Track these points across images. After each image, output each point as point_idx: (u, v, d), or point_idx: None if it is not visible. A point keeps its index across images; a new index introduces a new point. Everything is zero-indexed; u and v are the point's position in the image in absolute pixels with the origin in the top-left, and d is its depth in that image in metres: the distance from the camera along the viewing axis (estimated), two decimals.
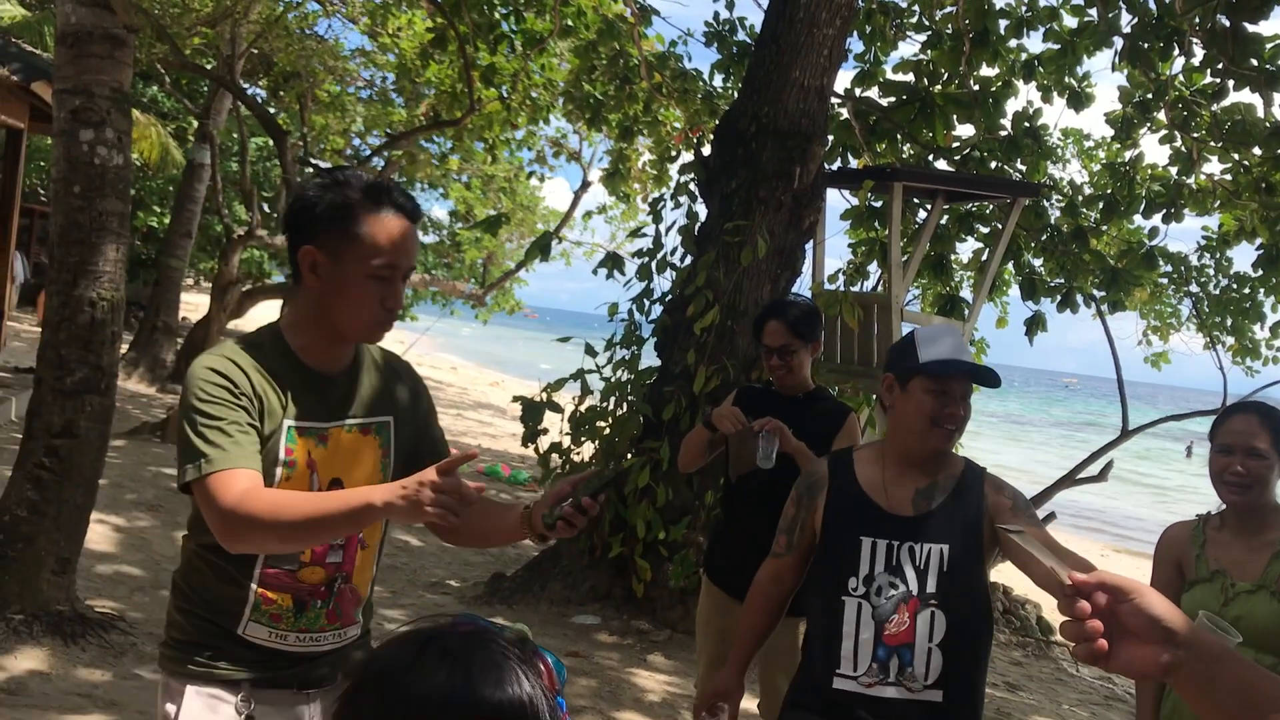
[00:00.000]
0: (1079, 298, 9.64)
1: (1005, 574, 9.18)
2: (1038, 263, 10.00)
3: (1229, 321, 11.07)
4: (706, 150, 7.69)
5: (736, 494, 4.19)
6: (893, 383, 2.78)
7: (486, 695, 1.03)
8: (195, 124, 17.95)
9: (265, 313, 17.10)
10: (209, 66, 15.90)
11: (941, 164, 9.41)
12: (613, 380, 7.24)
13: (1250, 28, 7.46)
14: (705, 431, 4.08)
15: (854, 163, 9.36)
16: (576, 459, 7.32)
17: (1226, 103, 8.76)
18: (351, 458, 2.22)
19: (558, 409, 7.16)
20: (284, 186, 12.38)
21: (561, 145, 19.63)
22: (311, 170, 14.60)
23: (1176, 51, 8.36)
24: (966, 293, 10.08)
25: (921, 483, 2.74)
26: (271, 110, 13.68)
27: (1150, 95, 9.06)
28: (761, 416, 3.86)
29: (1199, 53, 8.41)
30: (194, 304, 24.35)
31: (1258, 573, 3.00)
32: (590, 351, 7.20)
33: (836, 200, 13.23)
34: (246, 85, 16.69)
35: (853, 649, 2.64)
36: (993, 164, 9.38)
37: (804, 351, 4.09)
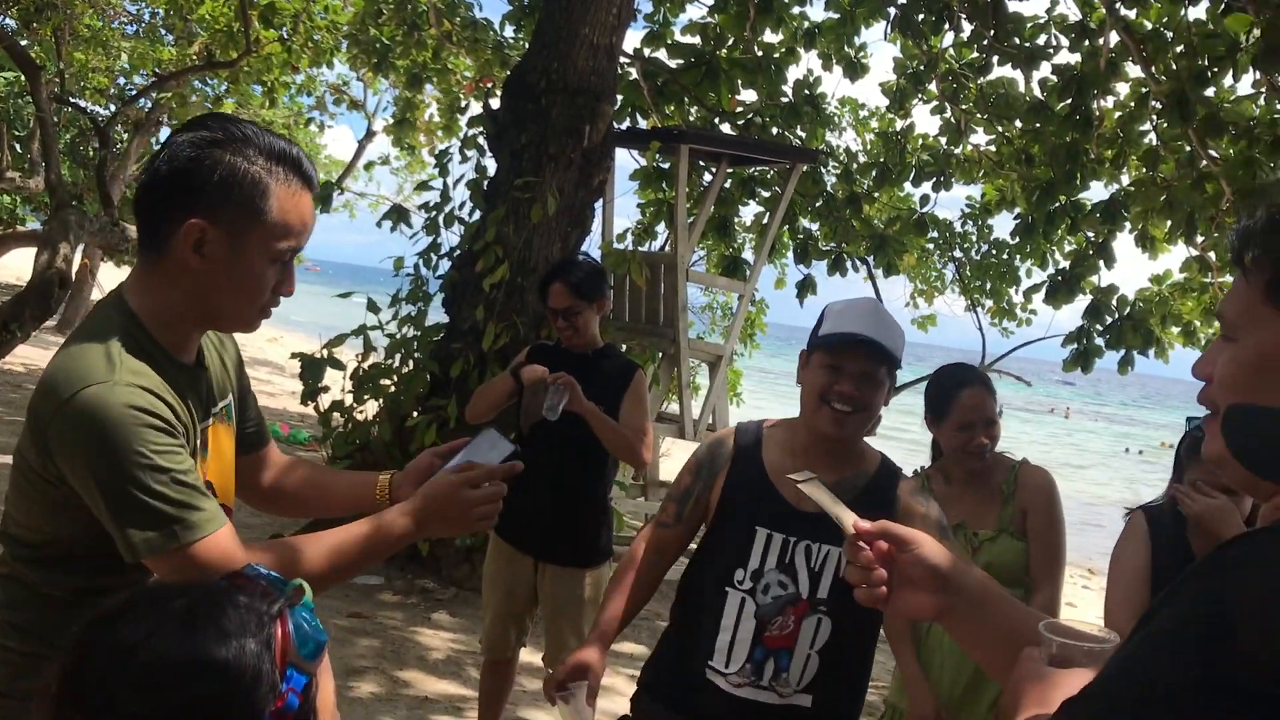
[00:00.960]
0: (849, 262, 10.08)
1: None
2: (814, 227, 10.39)
3: (988, 285, 11.82)
4: (496, 103, 7.59)
5: (524, 447, 4.21)
6: (804, 359, 2.53)
7: (194, 657, 0.99)
8: None
9: (16, 261, 15.91)
10: None
11: (726, 128, 9.61)
12: (398, 337, 7.10)
13: (1011, 6, 7.93)
14: (510, 381, 4.07)
15: (643, 123, 9.45)
16: (360, 417, 7.17)
17: (991, 77, 9.32)
18: (219, 453, 1.94)
19: (339, 366, 6.96)
20: (39, 125, 11.49)
21: (344, 92, 19.02)
22: (72, 109, 13.61)
23: (947, 26, 8.80)
24: (749, 254, 10.39)
25: (830, 477, 2.26)
26: (24, 43, 12.64)
27: (922, 67, 9.52)
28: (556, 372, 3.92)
29: (967, 28, 8.89)
30: None
31: (995, 520, 3.29)
32: (373, 307, 7.02)
33: (626, 160, 13.36)
34: None
35: (729, 644, 2.43)
36: (774, 129, 9.66)
37: (589, 311, 4.13)
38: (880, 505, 2.37)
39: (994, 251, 11.64)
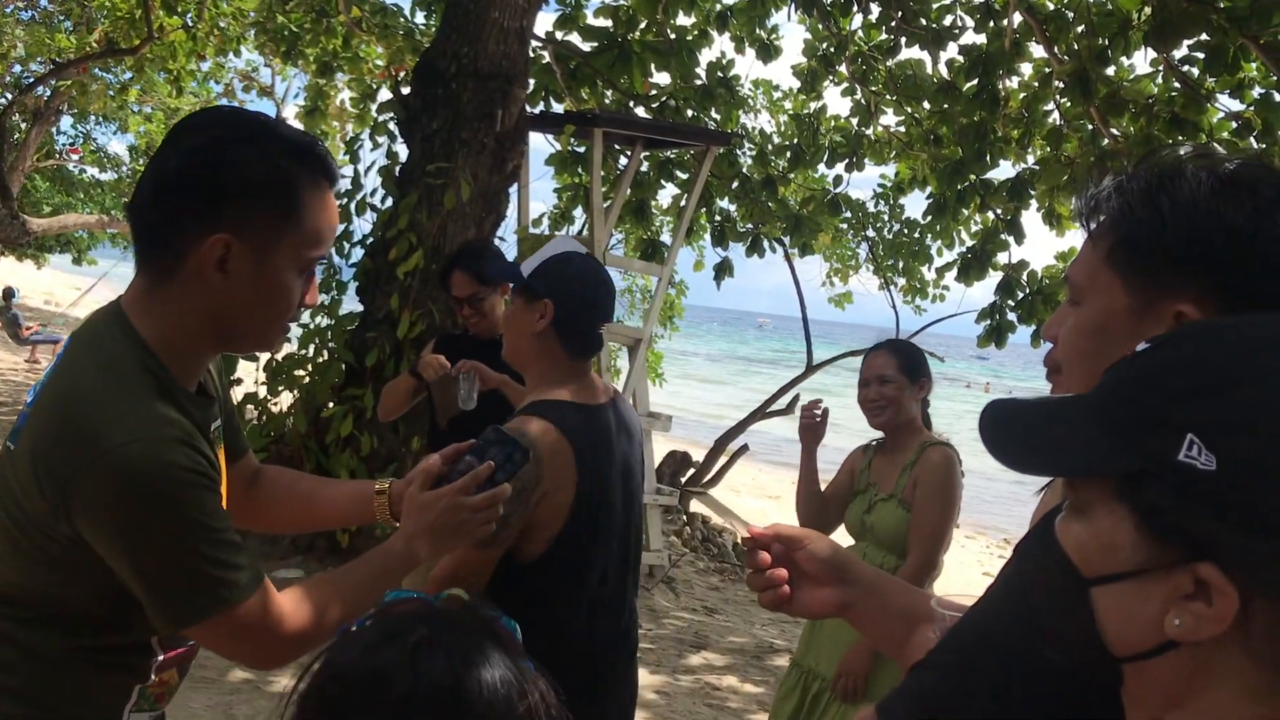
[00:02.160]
0: (765, 243, 10.16)
1: (703, 506, 9.65)
2: (731, 208, 10.45)
3: (901, 264, 12.00)
4: (407, 90, 7.51)
5: (447, 440, 4.19)
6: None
7: (478, 683, 0.97)
8: None
9: None
10: None
11: (641, 111, 9.61)
12: (311, 326, 7.00)
13: None
14: (411, 380, 4.08)
15: (557, 107, 9.41)
16: (274, 409, 7.06)
17: (900, 58, 9.44)
18: (222, 480, 1.75)
19: (252, 357, 6.85)
20: None
21: (253, 79, 18.66)
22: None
23: (855, 8, 8.90)
24: (667, 237, 10.42)
25: None
26: None
27: (832, 49, 9.61)
28: (467, 358, 3.91)
29: (875, 9, 9.00)
30: None
31: (893, 484, 3.45)
32: None
33: (541, 144, 13.28)
34: None
35: None
36: (689, 112, 9.68)
37: (493, 296, 4.11)
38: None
39: (906, 231, 11.82)
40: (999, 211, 9.16)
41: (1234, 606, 0.75)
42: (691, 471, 10.26)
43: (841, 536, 3.69)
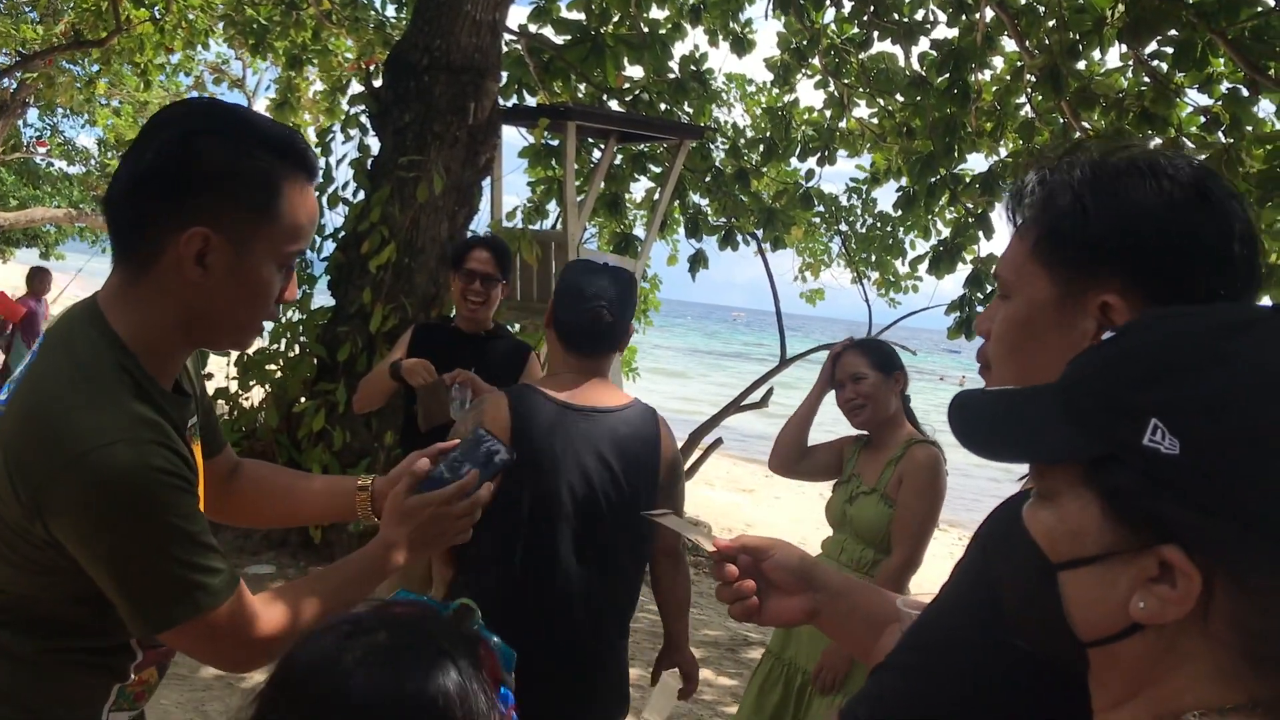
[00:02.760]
0: (739, 236, 10.17)
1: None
2: (704, 202, 10.45)
3: (873, 258, 12.04)
4: (379, 83, 7.47)
5: (423, 441, 4.15)
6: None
7: (409, 692, 0.97)
8: None
9: None
10: None
11: (614, 104, 9.60)
12: (283, 321, 6.95)
13: None
14: (392, 382, 3.97)
15: (530, 100, 9.39)
16: (246, 404, 7.01)
17: (872, 52, 9.46)
18: (199, 477, 1.71)
19: (224, 352, 6.80)
20: None
21: (223, 72, 18.51)
22: None
23: (828, 2, 8.91)
24: (640, 230, 10.41)
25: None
26: None
27: (805, 43, 9.62)
28: (443, 355, 3.86)
29: (848, 4, 9.02)
30: None
31: (877, 478, 3.45)
32: None
33: (514, 138, 13.25)
34: None
35: None
36: (662, 106, 9.68)
37: (501, 286, 4.09)
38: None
39: (878, 224, 11.86)
40: (970, 205, 9.20)
41: (1197, 589, 0.75)
42: None
43: (824, 527, 3.72)
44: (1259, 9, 6.31)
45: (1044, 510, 0.86)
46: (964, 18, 8.40)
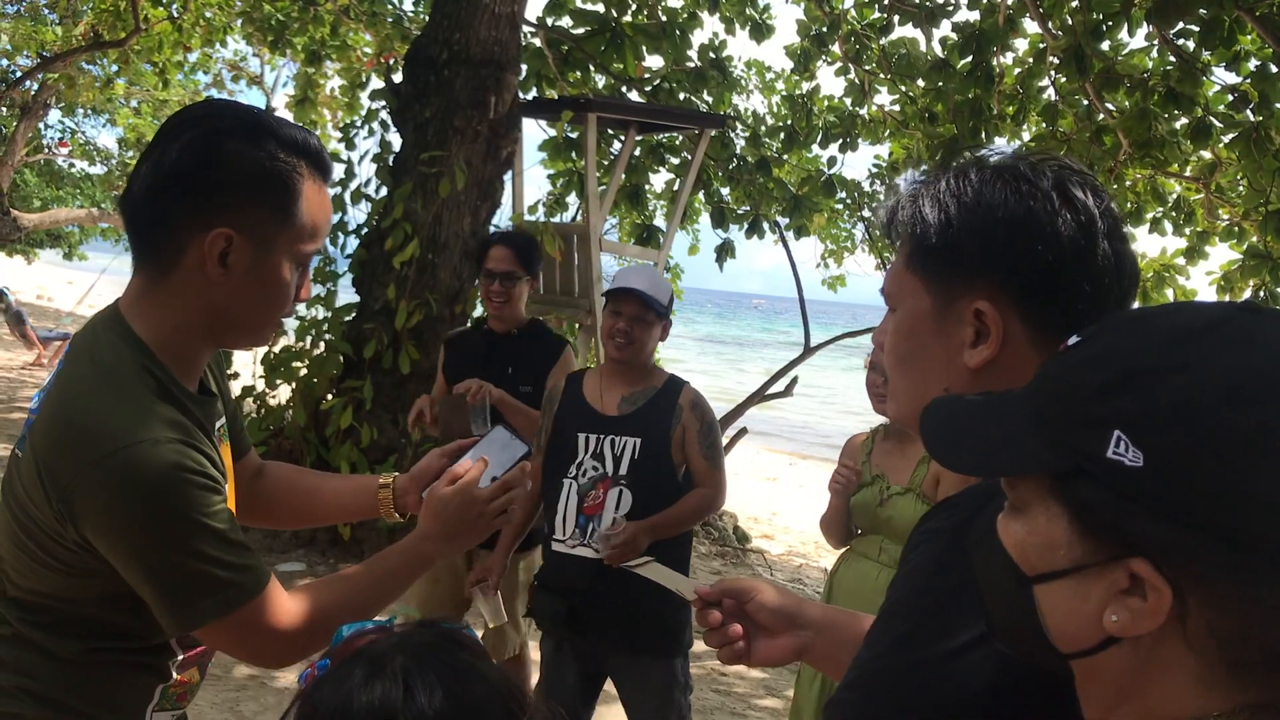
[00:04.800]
0: (764, 224, 10.12)
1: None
2: (726, 192, 10.40)
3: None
4: (398, 78, 7.46)
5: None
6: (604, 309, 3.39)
7: (475, 699, 0.99)
8: None
9: None
10: None
11: (634, 95, 9.56)
12: (307, 319, 6.97)
13: None
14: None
15: (550, 93, 9.36)
16: (273, 403, 7.03)
17: (893, 37, 9.39)
18: (229, 479, 1.74)
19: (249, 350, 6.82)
20: None
21: (241, 69, 18.56)
22: None
23: None
24: (661, 222, 10.37)
25: (626, 391, 3.38)
26: None
27: (825, 29, 9.55)
28: (478, 361, 3.85)
29: None
30: None
31: (908, 476, 3.38)
32: None
33: (534, 131, 13.23)
34: None
35: (563, 519, 3.31)
36: (681, 95, 9.63)
37: (523, 282, 4.02)
38: (664, 408, 3.34)
39: None
40: None
41: (1168, 601, 0.75)
42: None
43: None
44: None
45: (1015, 522, 0.86)
46: (985, 0, 8.33)
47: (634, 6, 9.30)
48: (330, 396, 6.76)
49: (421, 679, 0.98)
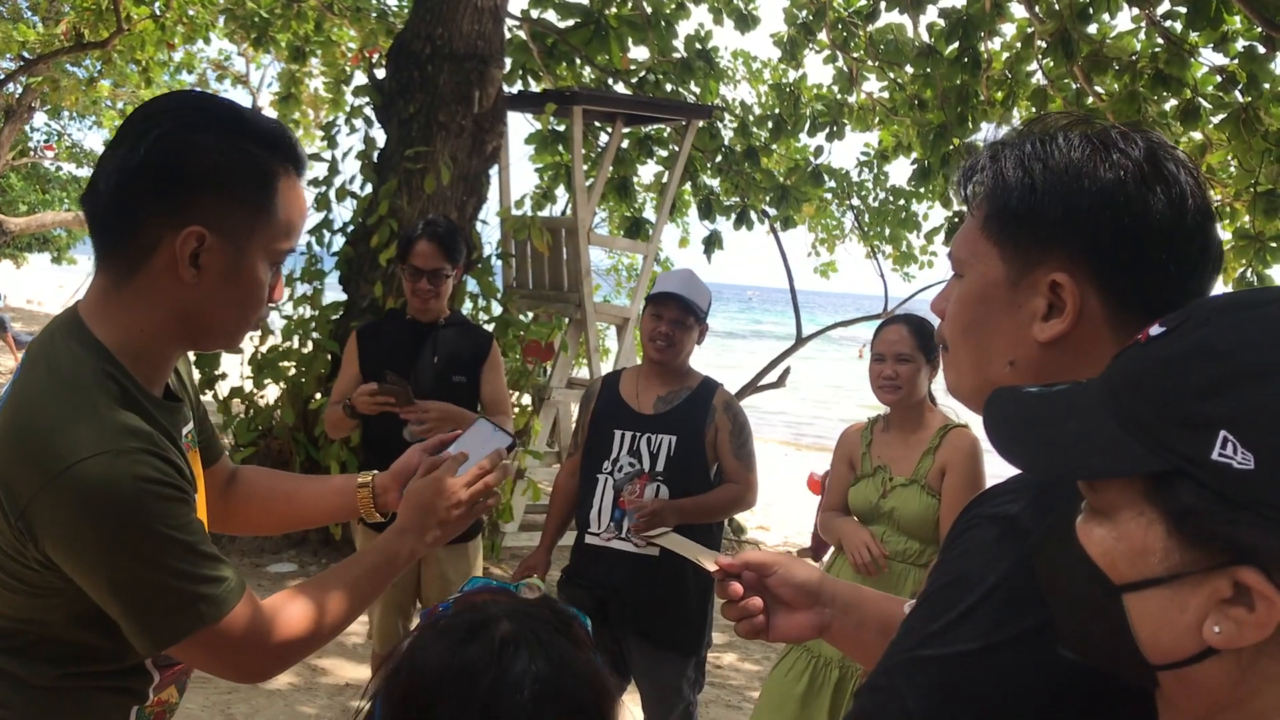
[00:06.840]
0: (753, 215, 10.08)
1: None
2: (714, 183, 10.36)
3: (888, 232, 11.93)
4: (381, 74, 7.39)
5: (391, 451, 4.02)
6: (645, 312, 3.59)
7: (563, 681, 0.99)
8: None
9: None
10: None
11: (620, 87, 9.51)
12: (295, 318, 6.91)
13: None
14: (349, 421, 3.77)
15: (535, 86, 9.30)
16: (261, 403, 6.98)
17: (880, 23, 9.34)
18: (198, 486, 1.66)
19: (236, 350, 6.76)
20: None
21: (226, 68, 18.46)
22: None
23: None
24: (650, 214, 10.33)
25: (663, 390, 3.55)
26: None
27: (812, 17, 9.50)
28: (392, 351, 3.78)
29: None
30: None
31: (912, 468, 3.32)
32: None
33: (520, 124, 13.16)
34: None
35: (598, 513, 3.46)
36: (668, 86, 9.58)
37: (451, 276, 3.84)
38: (699, 408, 3.51)
39: (891, 198, 11.74)
40: None
41: (1279, 612, 0.70)
42: None
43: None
44: None
45: (1099, 527, 0.80)
46: None
47: None
48: (319, 395, 6.71)
49: (516, 655, 0.98)
